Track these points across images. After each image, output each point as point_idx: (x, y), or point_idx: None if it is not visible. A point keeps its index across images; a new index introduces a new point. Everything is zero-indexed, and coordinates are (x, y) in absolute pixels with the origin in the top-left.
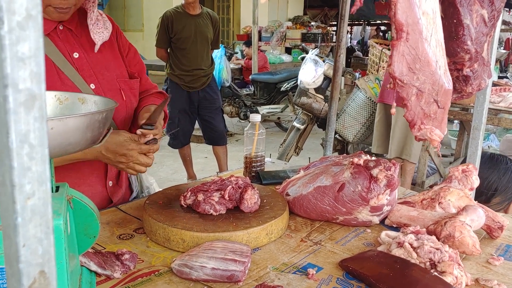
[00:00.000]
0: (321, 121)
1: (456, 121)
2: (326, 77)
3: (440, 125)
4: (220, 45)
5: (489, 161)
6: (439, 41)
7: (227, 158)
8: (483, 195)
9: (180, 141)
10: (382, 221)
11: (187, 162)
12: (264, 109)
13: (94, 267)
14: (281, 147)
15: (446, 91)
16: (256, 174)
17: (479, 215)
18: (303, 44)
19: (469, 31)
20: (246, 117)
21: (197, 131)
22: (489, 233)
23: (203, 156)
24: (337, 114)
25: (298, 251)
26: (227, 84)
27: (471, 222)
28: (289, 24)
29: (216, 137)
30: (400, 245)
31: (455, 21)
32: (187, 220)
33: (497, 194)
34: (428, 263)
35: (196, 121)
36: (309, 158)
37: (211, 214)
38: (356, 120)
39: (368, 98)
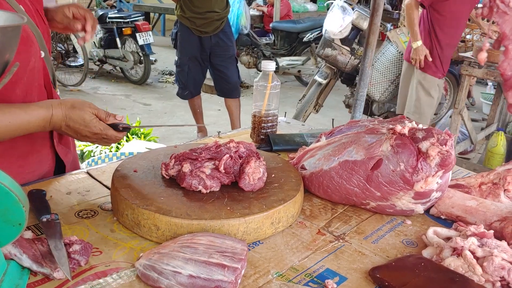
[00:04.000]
0: (346, 76)
1: (490, 83)
2: (354, 27)
3: None
4: None
5: None
6: None
7: (240, 113)
8: None
9: (189, 91)
10: (426, 210)
11: (197, 115)
12: (284, 61)
13: (27, 262)
14: (300, 103)
15: None
16: (266, 138)
17: None
18: None
19: None
20: None
21: (211, 81)
22: None
23: (216, 109)
24: None
25: (313, 249)
26: (245, 32)
27: None
28: None
29: (229, 89)
30: (457, 253)
31: None
32: (165, 199)
33: None
34: (498, 284)
35: (208, 70)
36: (333, 120)
37: (200, 191)
38: (384, 77)
39: (399, 52)
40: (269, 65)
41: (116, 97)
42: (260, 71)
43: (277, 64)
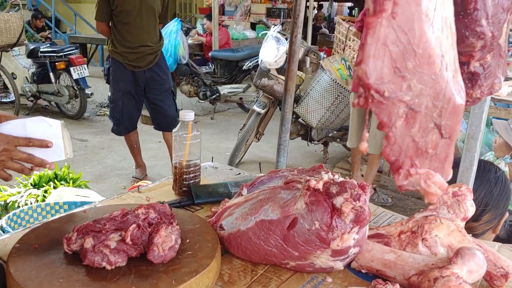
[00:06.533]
0: None
1: None
2: None
3: (442, 167)
4: (176, 18)
5: (477, 170)
6: (447, 20)
7: None
8: None
9: (125, 127)
10: (348, 264)
11: (135, 150)
12: (225, 89)
13: None
14: (241, 132)
15: (456, 108)
16: (188, 190)
17: (478, 263)
18: (265, 20)
19: (485, 4)
20: (205, 97)
21: None
22: (488, 281)
23: (156, 141)
24: (300, 97)
25: None
26: (184, 62)
27: (468, 275)
28: None
29: (167, 123)
30: None
31: None
32: (64, 281)
33: (487, 210)
34: None
35: (145, 105)
36: (259, 164)
37: (104, 268)
38: (320, 104)
39: (333, 80)
40: (187, 115)
41: None
42: (202, 99)
43: (218, 92)
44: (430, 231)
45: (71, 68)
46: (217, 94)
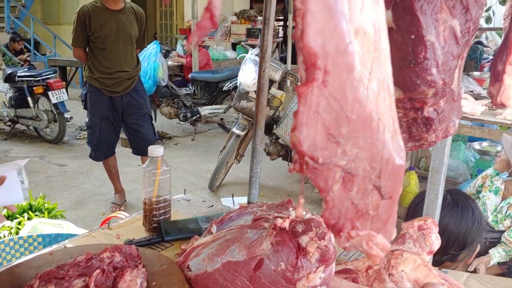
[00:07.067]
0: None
1: None
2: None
3: (384, 227)
4: (156, 41)
5: (454, 208)
6: (384, 81)
7: None
8: (450, 254)
9: (102, 152)
10: None
11: (113, 175)
12: (206, 110)
13: None
14: (221, 154)
15: (396, 169)
16: (158, 226)
17: None
18: (243, 43)
19: (434, 53)
20: (186, 119)
21: None
22: None
23: (135, 164)
24: (280, 118)
25: None
26: (164, 84)
27: None
28: (234, 18)
29: (145, 147)
30: None
31: (413, 36)
32: None
33: (463, 251)
34: None
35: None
36: (232, 195)
37: None
38: None
39: None
40: (156, 151)
41: (30, 159)
42: (182, 121)
43: (198, 113)
44: (396, 266)
45: (50, 93)
46: (198, 115)
